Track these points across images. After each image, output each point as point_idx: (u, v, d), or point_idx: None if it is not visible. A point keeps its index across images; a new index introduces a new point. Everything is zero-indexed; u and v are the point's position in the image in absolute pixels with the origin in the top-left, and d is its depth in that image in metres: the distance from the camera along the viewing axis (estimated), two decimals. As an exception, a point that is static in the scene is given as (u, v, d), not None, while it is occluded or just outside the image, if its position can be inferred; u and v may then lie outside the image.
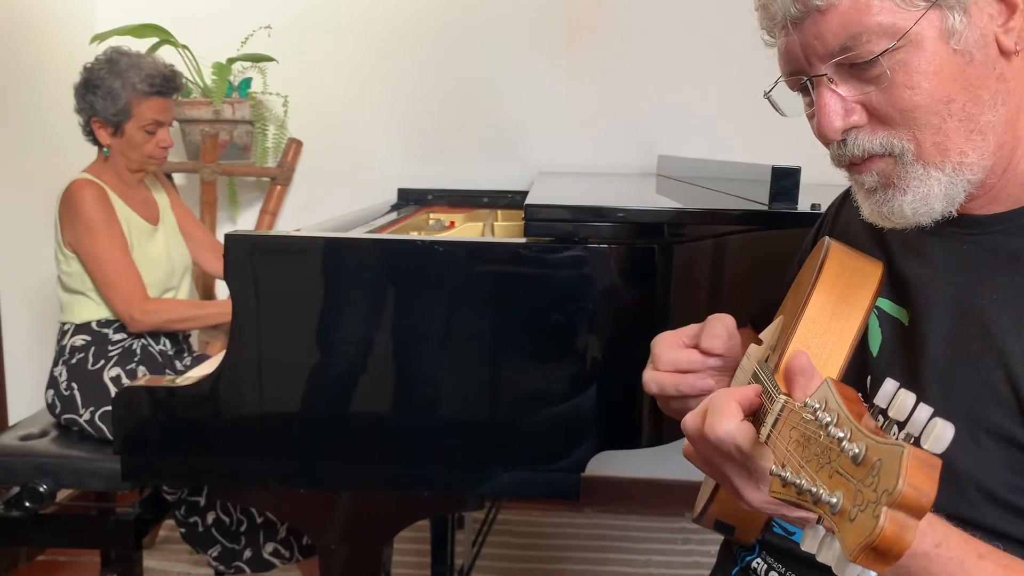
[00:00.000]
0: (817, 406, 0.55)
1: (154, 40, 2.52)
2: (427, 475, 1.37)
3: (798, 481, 0.53)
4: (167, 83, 1.99)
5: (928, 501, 0.45)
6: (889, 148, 0.77)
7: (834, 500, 0.49)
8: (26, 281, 2.45)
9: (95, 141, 2.01)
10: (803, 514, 0.72)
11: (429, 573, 2.22)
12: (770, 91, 0.86)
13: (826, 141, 0.81)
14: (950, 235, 0.83)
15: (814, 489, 0.51)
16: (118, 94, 1.93)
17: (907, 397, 0.52)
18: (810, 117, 0.82)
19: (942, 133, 0.75)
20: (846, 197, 1.03)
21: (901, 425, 0.52)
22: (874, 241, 0.91)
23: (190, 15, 2.74)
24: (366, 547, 1.43)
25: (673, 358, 0.94)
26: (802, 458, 0.55)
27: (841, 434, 0.51)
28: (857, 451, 0.49)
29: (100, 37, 2.53)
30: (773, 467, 0.57)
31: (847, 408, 0.53)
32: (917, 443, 0.49)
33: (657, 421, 1.37)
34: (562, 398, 1.34)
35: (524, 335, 1.34)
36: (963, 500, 0.76)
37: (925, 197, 0.77)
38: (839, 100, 0.77)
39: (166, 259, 2.09)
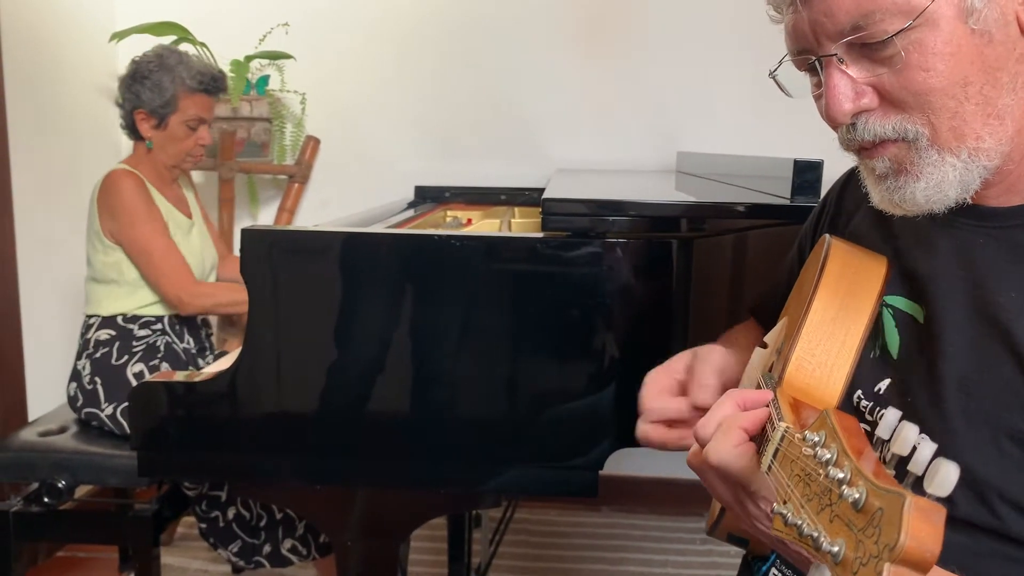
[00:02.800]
0: (816, 440, 0.53)
1: (173, 38, 2.52)
2: (444, 472, 1.36)
3: (799, 523, 0.51)
4: (214, 82, 2.05)
5: (932, 556, 0.43)
6: (902, 133, 0.73)
7: (835, 549, 0.47)
8: (47, 278, 2.47)
9: (134, 134, 2.05)
10: (800, 548, 0.70)
11: (446, 571, 2.21)
12: (775, 71, 0.82)
13: (834, 124, 0.77)
14: (964, 227, 0.79)
15: (815, 535, 0.49)
16: (166, 87, 1.98)
17: (909, 431, 0.50)
18: (817, 99, 0.78)
19: (958, 117, 0.71)
20: (847, 182, 0.99)
21: (904, 460, 0.49)
22: (881, 232, 0.87)
23: (208, 13, 2.75)
24: (383, 544, 1.42)
25: (661, 408, 0.92)
26: (803, 496, 0.53)
27: (840, 475, 0.49)
28: (857, 496, 0.47)
29: (119, 35, 2.54)
30: (775, 504, 0.55)
31: (847, 443, 0.51)
32: (921, 481, 0.47)
33: (677, 418, 1.36)
34: (580, 395, 1.32)
35: (542, 331, 1.32)
36: (986, 508, 0.73)
37: (939, 184, 0.73)
38: (849, 82, 0.73)
39: (199, 253, 2.11)
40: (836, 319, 0.79)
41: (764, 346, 0.91)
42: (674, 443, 0.92)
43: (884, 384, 0.82)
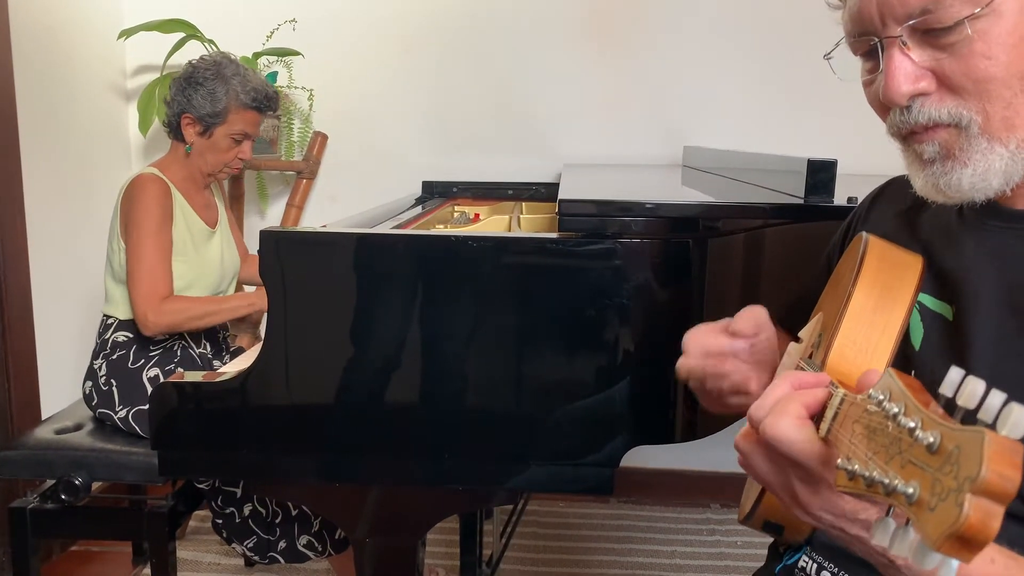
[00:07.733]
0: (882, 397, 0.54)
1: (181, 35, 2.53)
2: (460, 470, 1.37)
3: (867, 473, 0.51)
4: (267, 101, 2.02)
5: (1013, 486, 0.44)
6: (956, 118, 0.75)
7: (910, 490, 0.48)
8: (59, 275, 2.48)
9: (176, 135, 2.02)
10: (861, 532, 0.69)
11: (458, 564, 2.23)
12: (830, 53, 0.84)
13: (890, 106, 0.78)
14: (993, 228, 0.81)
15: (887, 480, 0.49)
16: (219, 98, 1.95)
17: (977, 384, 0.50)
18: (867, 84, 0.80)
19: (1012, 108, 0.74)
20: (878, 195, 1.01)
21: (971, 413, 0.50)
22: (910, 236, 0.90)
23: (216, 10, 2.75)
24: (400, 542, 1.44)
25: (702, 343, 0.97)
26: (869, 450, 0.54)
27: (912, 423, 0.50)
28: (932, 439, 0.48)
29: (127, 33, 2.55)
30: (839, 460, 0.55)
31: (914, 397, 0.52)
32: (992, 427, 0.47)
33: (691, 416, 1.37)
34: (595, 393, 1.34)
35: (557, 330, 1.34)
36: (1019, 499, 0.74)
37: (985, 172, 0.75)
38: (911, 64, 0.75)
39: (219, 263, 2.09)
40: (876, 308, 0.81)
41: (799, 340, 0.92)
42: (709, 370, 0.96)
43: (911, 376, 0.84)
